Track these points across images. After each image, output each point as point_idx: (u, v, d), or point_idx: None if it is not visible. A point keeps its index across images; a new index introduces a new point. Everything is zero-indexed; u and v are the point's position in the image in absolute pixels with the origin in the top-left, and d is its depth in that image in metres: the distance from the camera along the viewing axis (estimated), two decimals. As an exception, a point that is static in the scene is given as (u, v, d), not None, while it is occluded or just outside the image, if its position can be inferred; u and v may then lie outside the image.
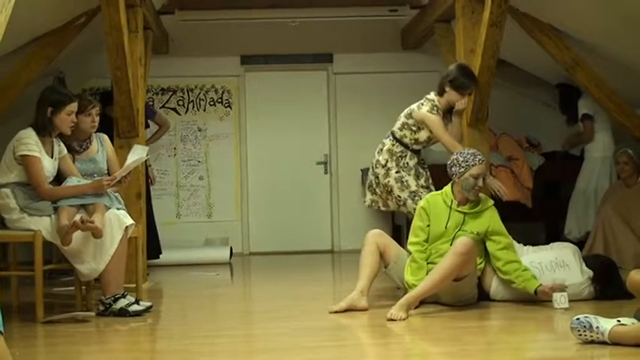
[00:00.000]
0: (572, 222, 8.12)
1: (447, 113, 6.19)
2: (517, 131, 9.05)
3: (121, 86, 6.48)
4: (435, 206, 5.42)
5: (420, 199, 5.82)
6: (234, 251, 9.14)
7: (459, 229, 5.32)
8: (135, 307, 5.21)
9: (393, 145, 6.10)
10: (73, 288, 5.65)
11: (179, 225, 9.77)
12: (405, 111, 6.14)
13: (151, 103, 9.50)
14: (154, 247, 7.79)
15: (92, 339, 4.70)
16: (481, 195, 5.44)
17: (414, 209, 5.76)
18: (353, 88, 10.01)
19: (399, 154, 6.06)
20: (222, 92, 9.98)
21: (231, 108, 9.98)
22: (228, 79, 9.98)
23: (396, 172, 6.02)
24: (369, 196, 6.25)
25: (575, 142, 8.18)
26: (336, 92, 10.07)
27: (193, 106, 9.94)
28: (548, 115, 9.53)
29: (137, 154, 5.54)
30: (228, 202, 9.90)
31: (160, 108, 9.70)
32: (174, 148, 9.87)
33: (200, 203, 9.88)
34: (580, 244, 7.38)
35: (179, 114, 9.90)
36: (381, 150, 6.14)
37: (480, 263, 5.36)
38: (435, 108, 6.02)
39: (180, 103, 9.92)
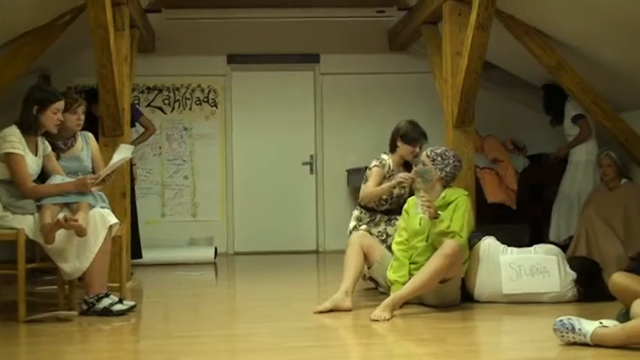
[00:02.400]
0: (555, 225, 8.16)
1: (403, 168, 6.26)
2: (503, 133, 9.08)
3: (106, 84, 6.46)
4: (413, 206, 5.48)
5: (396, 220, 6.01)
6: (218, 251, 9.14)
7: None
8: (118, 307, 5.20)
9: (361, 212, 6.26)
10: (55, 287, 5.63)
11: (164, 224, 9.75)
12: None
13: (136, 101, 9.48)
14: (137, 247, 7.77)
15: (75, 338, 4.69)
16: (451, 189, 5.44)
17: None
18: (339, 88, 10.02)
19: (368, 220, 6.19)
20: (209, 91, 9.97)
21: (217, 107, 9.96)
22: (214, 79, 9.96)
23: (367, 223, 6.16)
24: None
25: (574, 144, 8.16)
26: (323, 93, 10.07)
27: (179, 105, 9.92)
28: (534, 117, 9.56)
29: (122, 153, 5.53)
30: (213, 202, 9.89)
31: (146, 107, 9.68)
32: (160, 147, 9.84)
33: (185, 203, 9.86)
34: (564, 247, 7.43)
35: (165, 113, 9.88)
36: (351, 219, 6.31)
37: (464, 264, 5.39)
38: (381, 162, 6.15)
39: (166, 102, 9.90)
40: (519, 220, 8.71)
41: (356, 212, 6.32)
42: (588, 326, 3.94)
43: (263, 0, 9.24)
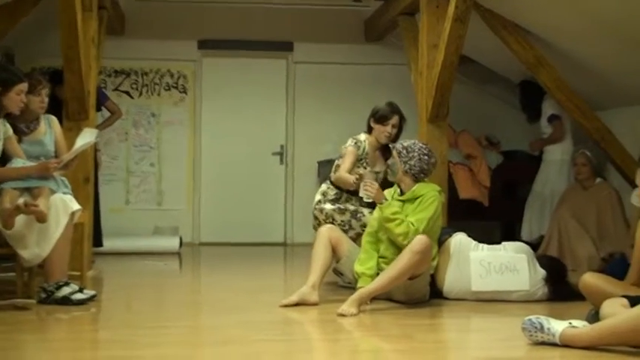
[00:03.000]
0: (527, 224, 8.23)
1: (380, 151, 6.29)
2: (477, 129, 9.13)
3: (72, 66, 6.40)
4: (400, 212, 5.50)
5: (363, 215, 6.03)
6: (183, 241, 9.10)
7: None
8: (78, 296, 5.17)
9: (328, 187, 6.29)
10: (14, 274, 5.59)
11: (128, 212, 9.69)
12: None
13: (103, 85, 9.40)
14: (98, 235, 7.73)
15: (33, 327, 4.67)
16: (423, 183, 5.46)
17: (362, 226, 5.99)
18: (313, 78, 10.02)
19: (333, 197, 6.22)
20: (178, 77, 9.92)
21: (186, 93, 9.92)
22: (184, 64, 9.91)
23: (332, 204, 6.19)
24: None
25: (546, 143, 8.23)
26: (296, 82, 10.07)
27: (147, 90, 9.87)
28: (510, 113, 9.64)
29: (86, 137, 5.50)
30: (179, 191, 9.86)
31: (113, 91, 9.61)
32: (126, 133, 9.78)
33: (150, 190, 9.82)
34: (536, 245, 7.50)
35: (132, 98, 9.82)
36: (317, 193, 6.36)
37: (434, 260, 5.43)
38: (357, 143, 6.17)
39: (134, 86, 9.84)
40: (491, 217, 8.77)
41: (324, 186, 6.35)
42: (557, 326, 3.98)
43: (236, -16, 9.23)
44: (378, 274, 5.26)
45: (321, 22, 9.92)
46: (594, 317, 4.27)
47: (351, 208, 6.17)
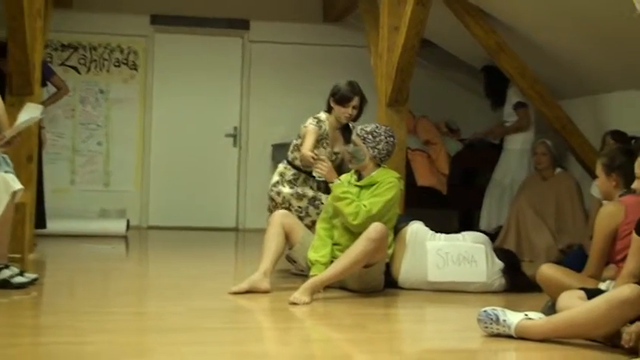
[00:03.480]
0: (486, 213, 8.30)
1: (340, 131, 6.29)
2: (437, 115, 9.18)
3: (16, 38, 6.31)
4: (352, 192, 5.51)
5: (321, 202, 6.04)
6: (131, 224, 9.04)
7: None
8: (19, 279, 5.11)
9: (286, 168, 6.29)
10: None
11: (73, 193, 9.61)
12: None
13: (49, 59, 9.29)
14: (41, 216, 7.64)
15: (-30, 310, 4.61)
16: (383, 170, 5.48)
17: (318, 214, 5.97)
18: (269, 58, 9.99)
19: (290, 177, 6.23)
20: (128, 53, 9.84)
21: (137, 70, 9.84)
22: (135, 39, 9.83)
23: (290, 187, 6.20)
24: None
25: (509, 131, 8.26)
26: (251, 61, 10.03)
27: (96, 66, 9.77)
28: (470, 100, 9.71)
29: (29, 113, 5.43)
30: (127, 171, 9.78)
31: (59, 66, 9.50)
32: (73, 110, 9.68)
33: (97, 171, 9.73)
34: (494, 235, 7.57)
35: (80, 73, 9.72)
36: (274, 173, 6.36)
37: (389, 248, 5.45)
38: (318, 122, 6.15)
39: (82, 61, 9.73)
40: (449, 206, 8.84)
41: (281, 167, 6.35)
42: (513, 318, 4.02)
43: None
44: (332, 261, 5.27)
45: (279, 0, 9.89)
46: (551, 309, 4.33)
47: (310, 194, 6.17)
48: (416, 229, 5.69)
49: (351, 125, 6.06)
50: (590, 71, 7.37)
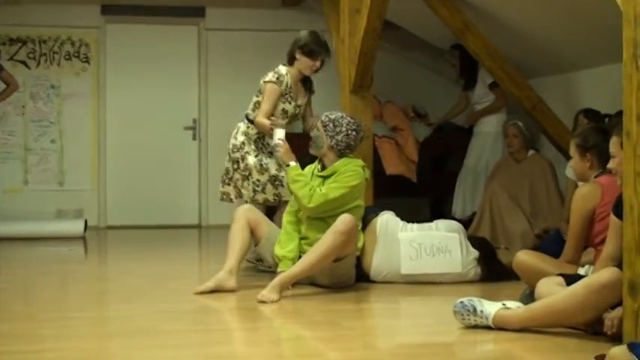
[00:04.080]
0: (459, 200, 8.30)
1: (301, 83, 6.29)
2: (403, 99, 9.17)
3: (-40, 34, 6.21)
4: (306, 175, 5.51)
5: (281, 184, 6.05)
6: (88, 224, 8.97)
7: None
8: (-28, 286, 5.04)
9: (248, 127, 6.23)
10: None
11: (26, 193, 9.51)
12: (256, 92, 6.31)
13: (-4, 54, 9.19)
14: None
15: None
16: (346, 159, 5.44)
17: (274, 195, 6.04)
18: (227, 46, 9.93)
19: (255, 136, 6.18)
20: (80, 45, 9.74)
21: (89, 63, 9.74)
22: (86, 31, 9.73)
23: (255, 156, 6.14)
24: (220, 189, 6.34)
25: (486, 113, 8.24)
26: (208, 50, 9.97)
27: (46, 60, 9.67)
28: (438, 82, 9.71)
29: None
30: (83, 169, 9.69)
31: (8, 61, 9.39)
32: (23, 107, 9.57)
33: (51, 169, 9.63)
34: (468, 222, 7.58)
35: (29, 68, 9.60)
36: (236, 133, 6.28)
37: (359, 241, 5.42)
38: (279, 77, 6.14)
39: (31, 55, 9.62)
40: (420, 194, 8.85)
41: (242, 126, 6.28)
42: (490, 308, 4.02)
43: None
44: (300, 256, 5.24)
45: (235, -15, 9.83)
46: (529, 297, 4.33)
47: (272, 170, 6.10)
48: (386, 219, 5.67)
49: (317, 117, 6.04)
50: (560, 49, 7.40)
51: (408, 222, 5.75)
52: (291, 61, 6.22)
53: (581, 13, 6.45)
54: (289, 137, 5.78)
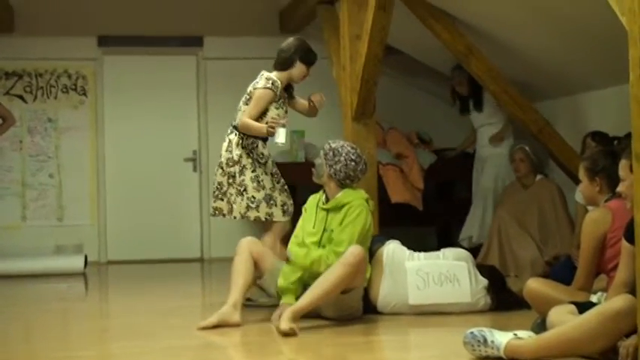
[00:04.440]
0: (476, 227, 8.20)
1: (284, 91, 6.33)
2: (407, 126, 9.18)
3: (-45, 69, 6.24)
4: (310, 206, 5.53)
5: (275, 204, 6.05)
6: (89, 260, 8.95)
7: (324, 229, 5.36)
8: (-30, 327, 5.03)
9: (242, 138, 6.17)
10: None
11: (25, 229, 9.51)
12: (243, 98, 6.31)
13: (-8, 89, 9.22)
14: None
15: None
16: (349, 189, 5.44)
17: (267, 214, 6.02)
18: (226, 75, 9.93)
19: (250, 146, 6.14)
20: (77, 78, 9.78)
21: (86, 96, 9.77)
22: (83, 63, 9.76)
23: (252, 171, 6.10)
24: (213, 204, 6.25)
25: (507, 130, 8.22)
26: (207, 80, 9.99)
27: (42, 94, 9.70)
28: (441, 108, 9.71)
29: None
30: (82, 204, 9.69)
31: (4, 95, 9.43)
32: (20, 142, 9.59)
33: (50, 205, 9.63)
34: (475, 250, 7.54)
35: (26, 102, 9.63)
36: (229, 146, 6.21)
37: (367, 272, 5.40)
38: (273, 83, 6.16)
39: (28, 89, 9.65)
40: (426, 222, 8.82)
41: (235, 138, 6.22)
42: (501, 338, 3.99)
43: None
44: (304, 288, 5.21)
45: (233, 13, 9.86)
46: (541, 326, 4.30)
47: (267, 186, 6.09)
48: (392, 249, 5.65)
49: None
50: (565, 70, 7.40)
51: (415, 251, 5.74)
52: (285, 66, 6.23)
53: (585, 34, 6.46)
54: (291, 167, 5.79)
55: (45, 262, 8.78)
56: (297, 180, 7.89)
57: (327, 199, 5.46)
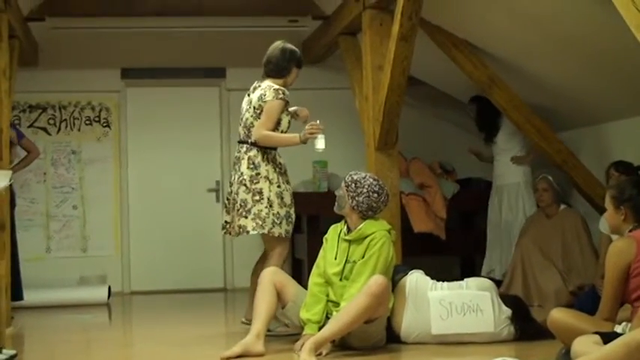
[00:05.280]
0: (495, 258, 8.18)
1: None
2: (429, 156, 9.19)
3: (-18, 102, 6.31)
4: (331, 237, 5.55)
5: (292, 222, 6.09)
6: (112, 290, 8.99)
7: (347, 260, 5.37)
8: (-4, 357, 5.07)
9: (265, 152, 6.12)
10: None
11: (49, 261, 9.55)
12: (250, 113, 6.26)
13: (17, 122, 9.29)
14: (16, 287, 7.59)
15: (-55, 394, 4.55)
16: (372, 220, 5.46)
17: (286, 231, 6.03)
18: (249, 106, 9.98)
19: (269, 157, 6.12)
20: (100, 110, 9.84)
21: (110, 128, 9.84)
22: (106, 95, 9.84)
23: (278, 186, 6.07)
24: (237, 222, 6.10)
25: (531, 155, 8.21)
26: (230, 111, 10.01)
27: (66, 126, 9.77)
28: (464, 137, 9.70)
29: (-1, 181, 5.40)
30: (106, 235, 9.74)
31: (28, 128, 9.50)
32: (45, 174, 9.66)
33: (74, 236, 9.68)
34: (498, 281, 7.51)
35: (50, 134, 9.71)
36: (251, 163, 6.09)
37: (390, 302, 5.41)
38: (284, 93, 6.21)
39: (52, 121, 9.73)
40: (449, 252, 8.80)
41: (258, 154, 6.11)
42: (526, 368, 3.99)
43: (161, 7, 9.16)
44: (327, 318, 5.22)
45: (255, 45, 9.78)
46: (565, 357, 4.29)
47: (287, 202, 6.07)
48: (415, 279, 5.66)
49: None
50: (589, 100, 7.39)
51: (438, 280, 5.73)
52: (282, 75, 6.33)
53: (609, 63, 6.47)
54: (314, 197, 5.79)
55: (69, 293, 8.84)
56: (320, 210, 7.92)
57: (349, 230, 5.48)
